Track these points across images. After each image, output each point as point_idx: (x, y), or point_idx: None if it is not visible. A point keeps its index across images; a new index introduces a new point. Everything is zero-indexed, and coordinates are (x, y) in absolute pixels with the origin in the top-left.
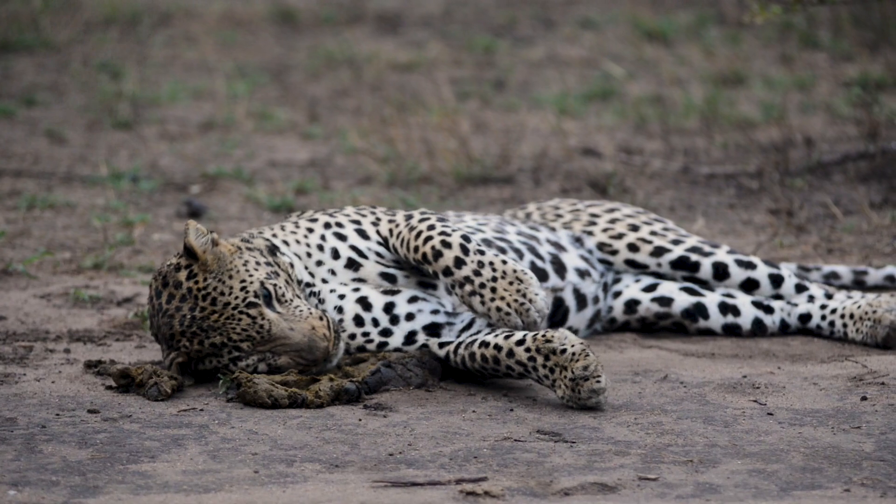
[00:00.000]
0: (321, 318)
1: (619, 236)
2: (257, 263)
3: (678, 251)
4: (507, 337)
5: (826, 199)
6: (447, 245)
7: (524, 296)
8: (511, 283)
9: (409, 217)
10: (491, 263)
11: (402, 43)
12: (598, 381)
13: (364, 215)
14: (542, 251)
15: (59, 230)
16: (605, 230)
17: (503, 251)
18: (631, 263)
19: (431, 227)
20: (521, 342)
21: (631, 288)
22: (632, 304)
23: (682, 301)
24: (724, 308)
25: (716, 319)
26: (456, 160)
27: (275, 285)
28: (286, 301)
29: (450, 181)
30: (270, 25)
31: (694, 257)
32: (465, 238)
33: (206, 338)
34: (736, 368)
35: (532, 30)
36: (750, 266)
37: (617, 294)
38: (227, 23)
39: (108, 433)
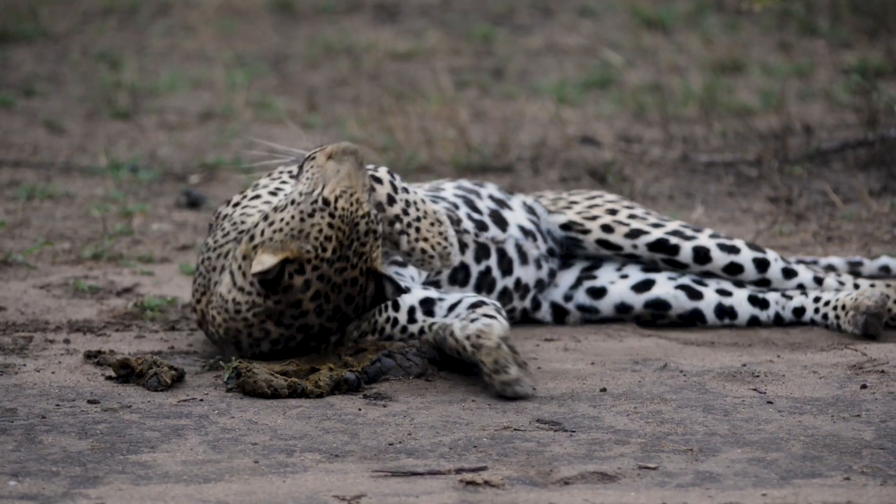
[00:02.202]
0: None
1: (593, 218)
2: None
3: (657, 234)
4: (462, 329)
5: (825, 187)
6: (378, 180)
7: (446, 238)
8: (433, 224)
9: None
10: (415, 203)
11: (401, 32)
12: (507, 373)
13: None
14: (481, 205)
15: (58, 220)
16: (579, 212)
17: (435, 201)
18: (604, 244)
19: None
20: (469, 336)
21: (617, 285)
22: (623, 310)
23: (678, 307)
24: (721, 312)
25: (712, 323)
26: (455, 149)
27: None
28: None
29: (449, 170)
30: (269, 14)
31: (673, 240)
32: (392, 174)
33: None
34: (735, 357)
35: (530, 18)
36: (733, 250)
37: (601, 292)
38: (225, 12)
39: (108, 423)
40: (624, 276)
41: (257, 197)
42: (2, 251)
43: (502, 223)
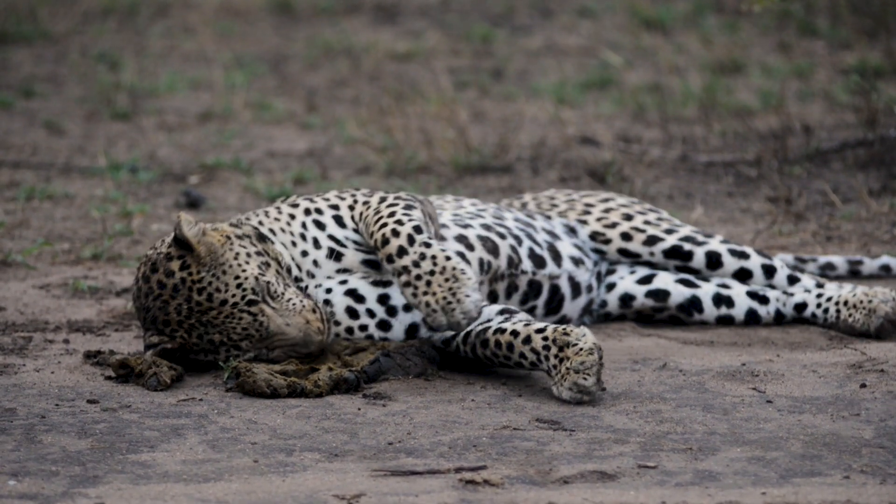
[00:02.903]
0: (314, 311)
1: (613, 225)
2: (248, 255)
3: (671, 240)
4: (526, 324)
5: (825, 187)
6: (396, 234)
7: (454, 295)
8: (446, 280)
9: (382, 200)
10: (433, 257)
11: (400, 32)
12: (586, 379)
13: (343, 198)
14: (539, 238)
15: (57, 221)
16: (598, 219)
17: (502, 237)
18: (624, 253)
19: (392, 214)
20: (540, 330)
21: (626, 280)
22: (627, 299)
23: (678, 295)
24: (719, 300)
25: (710, 312)
26: (454, 149)
27: (268, 281)
28: (278, 295)
29: (448, 170)
30: (268, 15)
31: (687, 246)
32: (417, 229)
33: (205, 333)
34: (735, 356)
35: (530, 19)
36: (743, 256)
37: (611, 286)
38: (224, 13)
39: (108, 423)
40: (632, 272)
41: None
42: (1, 251)
43: (558, 257)
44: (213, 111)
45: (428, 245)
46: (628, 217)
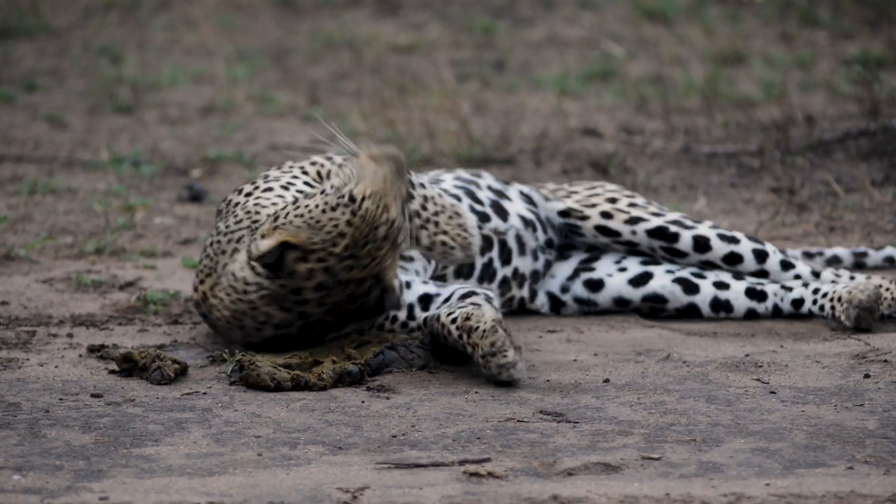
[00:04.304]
0: None
1: (592, 205)
2: None
3: (657, 221)
4: (449, 313)
5: (827, 177)
6: None
7: (465, 230)
8: (451, 218)
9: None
10: (432, 198)
11: (402, 25)
12: (505, 357)
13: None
14: (482, 196)
15: (60, 215)
16: (578, 200)
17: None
18: (602, 231)
19: None
20: (454, 319)
21: (615, 279)
22: (622, 303)
23: (675, 301)
24: (717, 306)
25: (709, 317)
26: (457, 141)
27: None
28: None
29: (451, 162)
30: (270, 8)
31: (673, 228)
32: (409, 172)
33: None
34: (738, 347)
35: (532, 10)
36: (733, 241)
37: (598, 285)
38: (226, 6)
39: (112, 417)
40: (622, 270)
41: (269, 189)
42: (4, 246)
43: (503, 213)
44: (215, 104)
45: (424, 186)
46: (612, 200)
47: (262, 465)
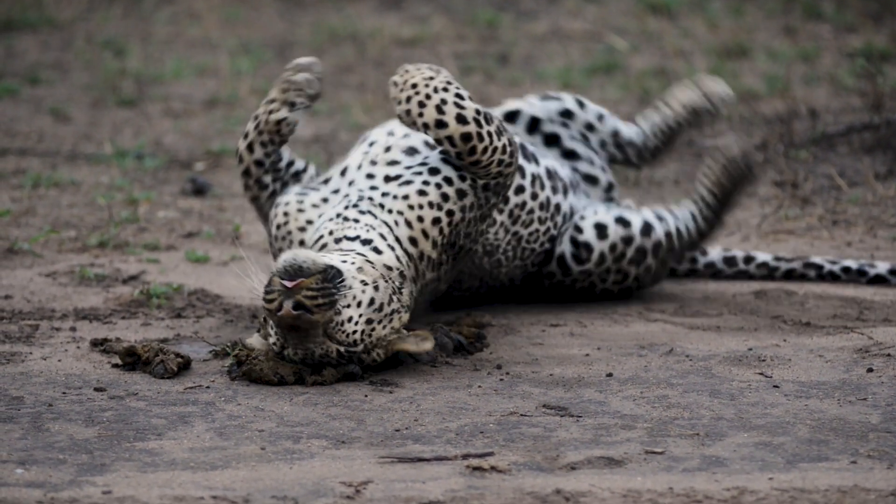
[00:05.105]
0: None
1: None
2: None
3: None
4: None
5: (831, 171)
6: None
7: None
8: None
9: None
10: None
11: (406, 18)
12: None
13: None
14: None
15: (63, 208)
16: None
17: None
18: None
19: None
20: None
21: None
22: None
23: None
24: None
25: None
26: None
27: None
28: None
29: None
30: (273, 1)
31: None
32: None
33: None
34: (741, 341)
35: (535, 3)
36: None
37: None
38: None
39: (115, 411)
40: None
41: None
42: (7, 239)
43: None
44: (218, 97)
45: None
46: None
47: (265, 459)
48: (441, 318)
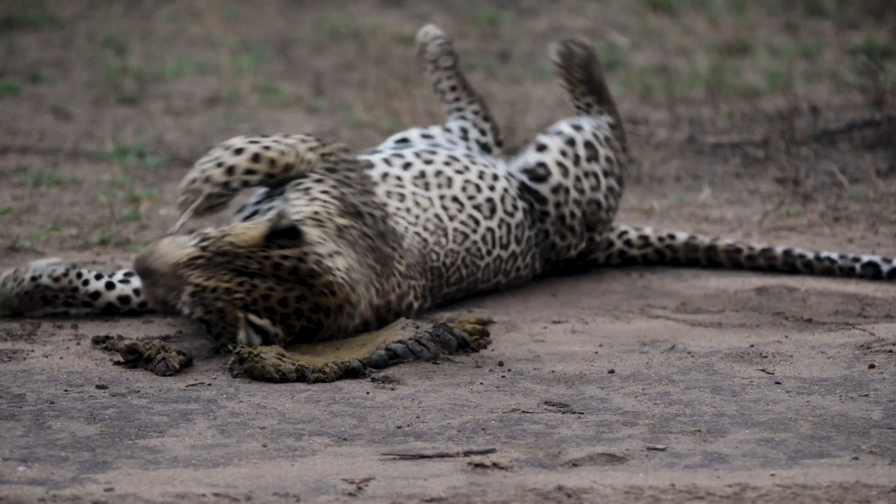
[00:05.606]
0: None
1: None
2: None
3: None
4: None
5: (832, 168)
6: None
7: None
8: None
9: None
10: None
11: (407, 15)
12: None
13: None
14: None
15: (65, 206)
16: None
17: None
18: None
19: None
20: None
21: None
22: None
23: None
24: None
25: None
26: None
27: None
28: None
29: None
30: None
31: None
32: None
33: None
34: (743, 338)
35: (536, 1)
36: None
37: None
38: None
39: (117, 408)
40: None
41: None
42: (9, 237)
43: None
44: (220, 95)
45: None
46: None
47: (267, 457)
48: (444, 314)
